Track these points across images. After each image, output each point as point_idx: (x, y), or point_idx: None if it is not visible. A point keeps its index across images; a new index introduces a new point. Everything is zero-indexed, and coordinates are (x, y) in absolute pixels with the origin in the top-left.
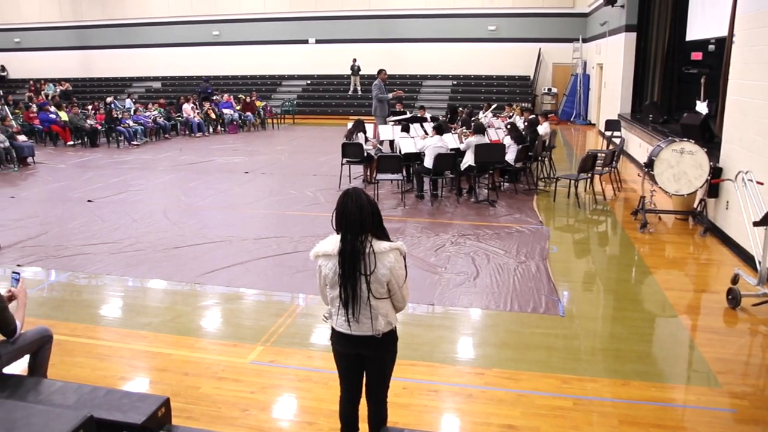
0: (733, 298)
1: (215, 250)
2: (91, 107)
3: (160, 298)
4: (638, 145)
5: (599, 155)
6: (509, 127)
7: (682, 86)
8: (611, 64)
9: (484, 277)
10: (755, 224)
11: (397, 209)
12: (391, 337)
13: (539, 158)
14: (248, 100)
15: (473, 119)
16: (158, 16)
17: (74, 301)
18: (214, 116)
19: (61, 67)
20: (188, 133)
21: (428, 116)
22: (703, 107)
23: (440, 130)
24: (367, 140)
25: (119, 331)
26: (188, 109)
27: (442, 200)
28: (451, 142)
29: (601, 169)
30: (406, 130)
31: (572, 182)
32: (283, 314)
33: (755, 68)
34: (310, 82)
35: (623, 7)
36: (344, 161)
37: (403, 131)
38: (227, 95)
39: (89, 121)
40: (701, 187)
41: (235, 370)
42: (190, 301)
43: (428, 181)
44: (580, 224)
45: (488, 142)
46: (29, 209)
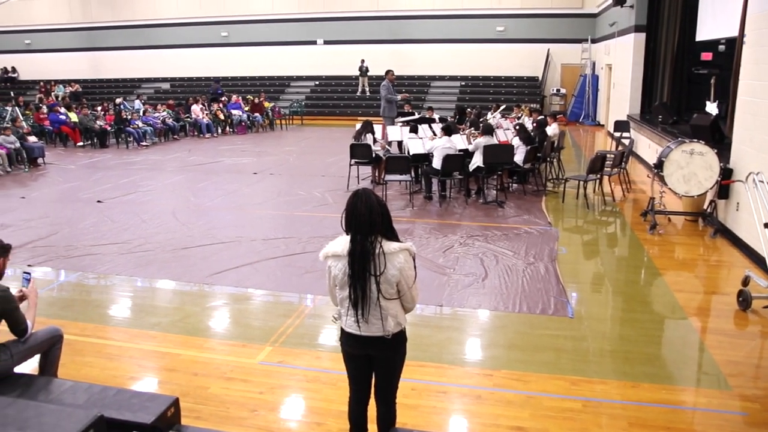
0: (743, 300)
1: (224, 250)
2: (100, 108)
3: (169, 298)
4: (647, 146)
5: (608, 156)
6: (518, 128)
7: (691, 87)
8: (620, 64)
9: (492, 278)
10: (766, 226)
11: (405, 210)
12: (400, 337)
13: (548, 159)
14: (257, 101)
15: (482, 120)
16: (167, 17)
17: (84, 301)
18: (222, 117)
19: (70, 68)
20: (197, 134)
21: (437, 117)
22: (713, 108)
23: (449, 131)
24: (375, 141)
25: (129, 331)
26: (197, 110)
27: (450, 201)
28: (459, 143)
29: (610, 170)
30: (414, 131)
31: (581, 183)
32: (291, 315)
33: (766, 68)
34: (318, 83)
35: (632, 7)
36: (353, 162)
37: (411, 132)
38: (236, 96)
39: (99, 122)
40: (711, 188)
41: (243, 370)
42: (199, 301)
43: (437, 182)
44: (589, 225)
45: (497, 143)
46: (39, 210)
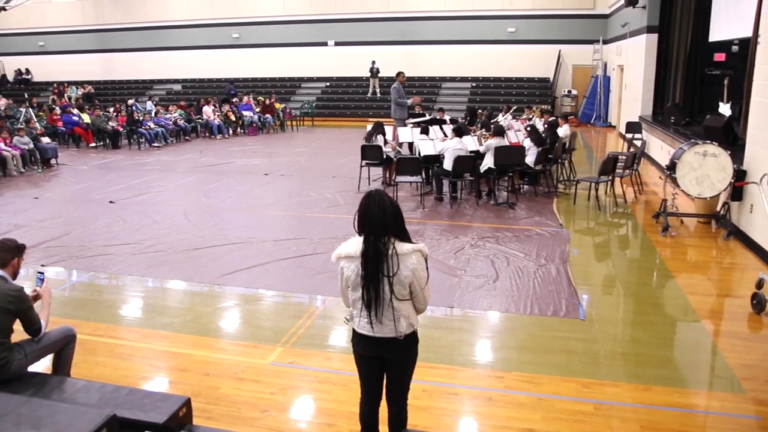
0: (757, 303)
1: (235, 251)
2: (112, 109)
3: (180, 298)
4: (659, 147)
5: (620, 158)
6: (529, 129)
7: (704, 88)
8: (632, 65)
9: (503, 280)
10: None
11: (416, 211)
12: (412, 338)
13: (559, 161)
14: (268, 102)
15: (493, 121)
16: (178, 19)
17: (96, 301)
18: (233, 118)
19: (83, 70)
20: (208, 135)
21: (447, 118)
22: (726, 109)
23: (460, 132)
24: (386, 142)
25: (140, 331)
26: (208, 111)
27: (461, 203)
28: (470, 144)
29: (621, 171)
30: (425, 132)
31: (593, 185)
32: (302, 316)
33: None
34: (329, 84)
35: (644, 8)
36: (363, 163)
37: (422, 133)
38: (247, 97)
39: (111, 123)
40: (724, 190)
41: (255, 371)
42: (210, 301)
43: (447, 183)
44: (600, 227)
45: (508, 144)
46: (52, 210)
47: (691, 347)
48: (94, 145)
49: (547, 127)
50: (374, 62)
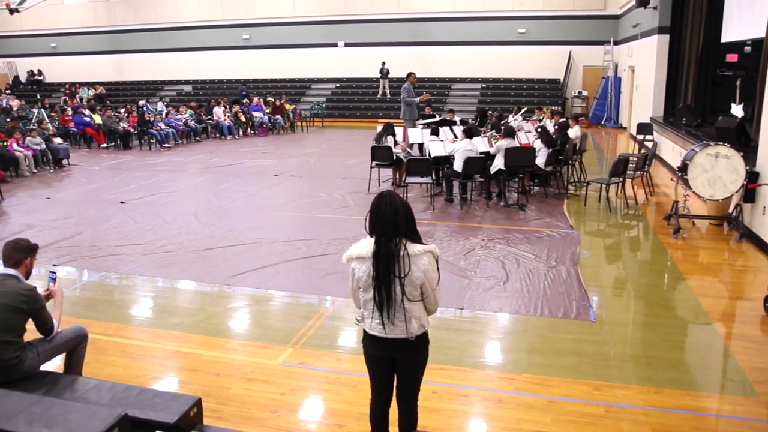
0: None
1: (245, 251)
2: (123, 110)
3: (191, 299)
4: (671, 148)
5: (631, 159)
6: (539, 130)
7: (716, 89)
8: (643, 66)
9: (514, 281)
10: None
11: (426, 213)
12: (423, 340)
13: (570, 162)
14: (278, 103)
15: (503, 123)
16: (189, 20)
17: (107, 300)
18: (243, 119)
19: (95, 71)
20: (218, 135)
21: (457, 119)
22: (738, 110)
23: (470, 133)
24: (396, 143)
25: (151, 331)
26: (219, 112)
27: (471, 204)
28: (480, 145)
29: (632, 173)
30: (435, 133)
31: (603, 186)
32: (312, 316)
33: None
34: (339, 85)
35: (656, 8)
36: (373, 164)
37: (432, 134)
38: (257, 98)
39: (122, 124)
40: (737, 191)
41: (265, 371)
42: (220, 302)
43: (458, 184)
44: (611, 229)
45: (518, 145)
46: (64, 210)
47: (702, 350)
48: (105, 145)
49: (557, 128)
50: (384, 63)
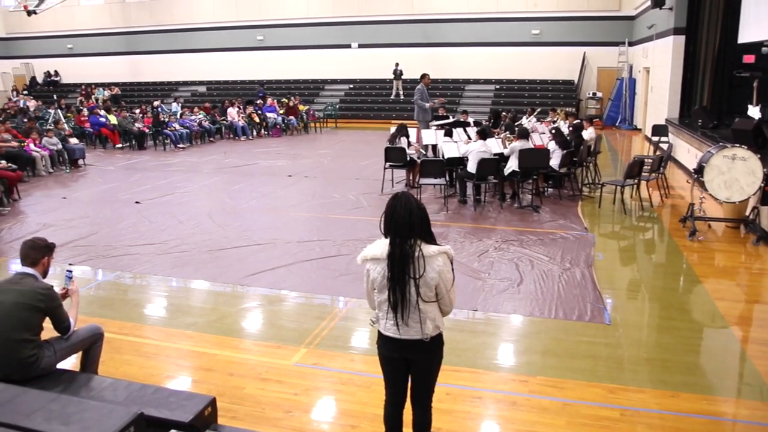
0: None
1: (259, 252)
2: (138, 111)
3: (205, 298)
4: (686, 150)
5: (646, 161)
6: (554, 132)
7: (733, 90)
8: (658, 67)
9: (528, 283)
10: None
11: (440, 214)
12: (438, 341)
13: (584, 164)
14: (291, 104)
15: (517, 124)
16: (204, 21)
17: (122, 300)
18: (257, 120)
19: (110, 72)
20: (232, 136)
21: (471, 121)
22: (755, 112)
23: (484, 134)
24: (410, 144)
25: (165, 330)
26: (233, 112)
27: (485, 205)
28: (494, 147)
29: (648, 175)
30: (449, 134)
31: (618, 188)
32: (326, 317)
33: None
34: (352, 86)
35: (671, 9)
36: (387, 165)
37: (446, 136)
38: (271, 99)
39: (137, 124)
40: (754, 194)
41: (278, 371)
42: (234, 302)
43: (471, 186)
44: (626, 231)
45: (532, 147)
46: (80, 210)
47: (719, 354)
48: (120, 146)
49: (571, 129)
50: (398, 64)
